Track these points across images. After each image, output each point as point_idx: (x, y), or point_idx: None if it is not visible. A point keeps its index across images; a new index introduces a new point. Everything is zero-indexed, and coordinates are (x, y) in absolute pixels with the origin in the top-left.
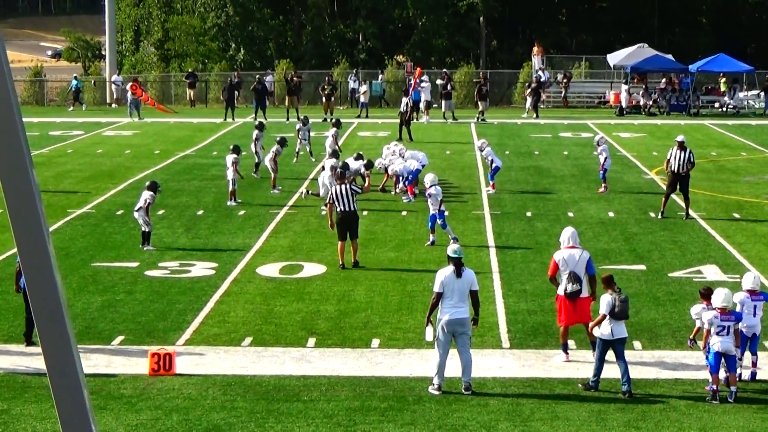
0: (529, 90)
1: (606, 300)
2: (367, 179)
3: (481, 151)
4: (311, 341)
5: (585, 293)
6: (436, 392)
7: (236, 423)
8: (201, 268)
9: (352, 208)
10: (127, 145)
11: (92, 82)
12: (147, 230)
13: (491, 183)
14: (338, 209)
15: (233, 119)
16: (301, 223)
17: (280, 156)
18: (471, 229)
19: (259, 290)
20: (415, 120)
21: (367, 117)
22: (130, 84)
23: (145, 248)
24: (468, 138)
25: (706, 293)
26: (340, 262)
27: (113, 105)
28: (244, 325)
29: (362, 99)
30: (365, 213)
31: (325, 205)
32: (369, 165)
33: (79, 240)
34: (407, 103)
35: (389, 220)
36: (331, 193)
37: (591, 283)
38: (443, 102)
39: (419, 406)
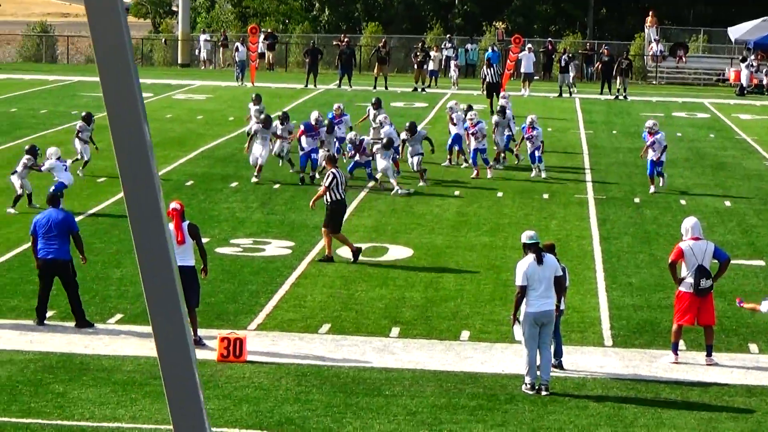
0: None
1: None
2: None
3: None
4: (395, 331)
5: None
6: (530, 392)
7: (311, 417)
8: (276, 247)
9: (344, 197)
10: (199, 110)
11: (163, 40)
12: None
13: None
14: (335, 197)
15: (315, 86)
16: (387, 201)
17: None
18: (573, 214)
19: (339, 273)
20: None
21: (435, 87)
22: (250, 38)
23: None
24: (572, 115)
25: None
26: (329, 254)
27: (203, 67)
28: (322, 311)
29: (431, 66)
30: (457, 193)
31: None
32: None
33: None
34: (493, 73)
35: (483, 201)
36: (335, 177)
37: (722, 269)
38: (559, 75)
39: (511, 405)
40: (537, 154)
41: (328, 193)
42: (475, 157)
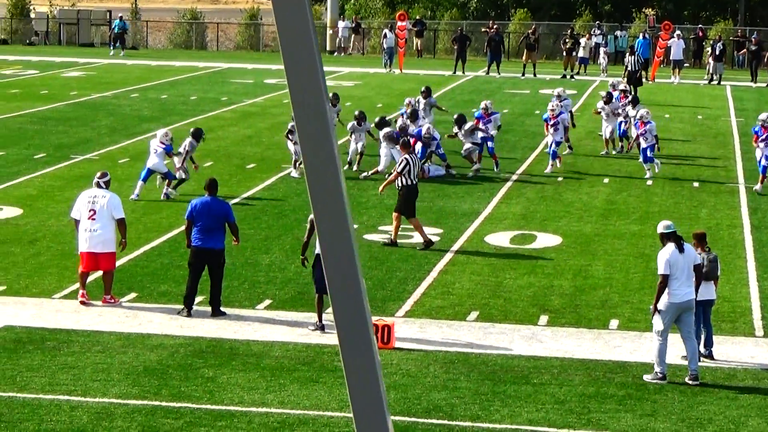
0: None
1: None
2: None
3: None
4: (543, 319)
5: None
6: (662, 382)
7: (459, 404)
8: None
9: (416, 182)
10: (347, 97)
11: None
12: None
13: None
14: (407, 182)
15: (463, 72)
16: (536, 189)
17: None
18: (723, 203)
19: (487, 260)
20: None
21: (585, 74)
22: (398, 25)
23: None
24: (723, 102)
25: None
26: (394, 239)
27: (335, 54)
28: (470, 298)
29: (581, 53)
30: (606, 181)
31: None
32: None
33: (293, 198)
34: (634, 61)
35: (632, 190)
36: (408, 163)
37: None
38: (712, 63)
39: (661, 395)
40: (648, 153)
41: (400, 178)
42: (557, 148)
